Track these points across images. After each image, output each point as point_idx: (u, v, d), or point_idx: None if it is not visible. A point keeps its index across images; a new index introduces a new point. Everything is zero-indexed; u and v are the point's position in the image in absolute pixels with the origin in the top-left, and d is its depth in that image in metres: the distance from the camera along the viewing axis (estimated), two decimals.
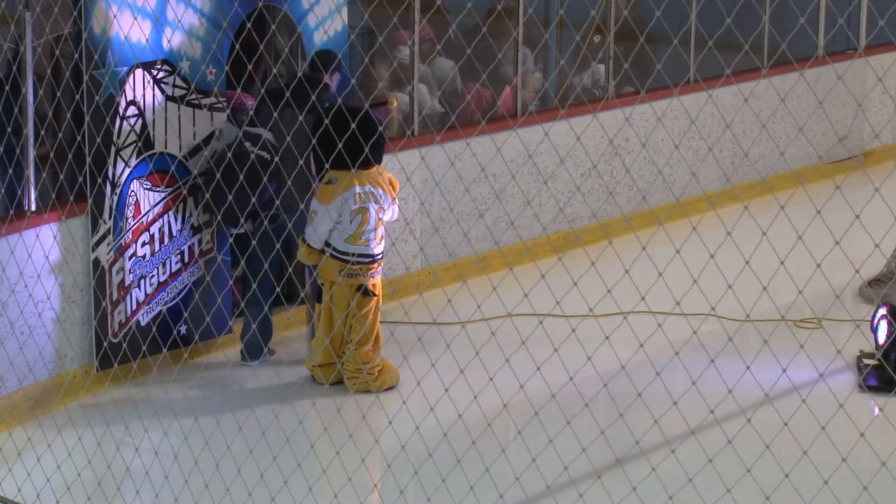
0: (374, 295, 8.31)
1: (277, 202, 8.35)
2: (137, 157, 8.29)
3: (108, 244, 8.22)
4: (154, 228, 8.43)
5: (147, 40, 8.07)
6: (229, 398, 8.03)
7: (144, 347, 8.04)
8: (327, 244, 8.22)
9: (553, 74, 11.53)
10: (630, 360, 5.75)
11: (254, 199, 8.12)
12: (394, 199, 8.35)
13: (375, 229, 8.21)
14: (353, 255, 8.20)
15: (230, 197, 7.62)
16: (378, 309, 8.41)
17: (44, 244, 7.27)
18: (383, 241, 8.32)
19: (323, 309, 8.32)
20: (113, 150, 8.17)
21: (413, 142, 9.78)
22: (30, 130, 7.72)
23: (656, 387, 5.45)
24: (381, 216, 8.24)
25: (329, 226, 8.16)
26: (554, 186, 10.83)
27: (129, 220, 8.29)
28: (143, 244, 8.38)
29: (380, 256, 8.32)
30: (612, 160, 11.27)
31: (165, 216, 8.47)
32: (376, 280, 8.34)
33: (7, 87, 7.58)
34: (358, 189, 8.16)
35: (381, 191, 8.23)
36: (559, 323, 6.12)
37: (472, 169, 9.34)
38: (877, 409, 8.02)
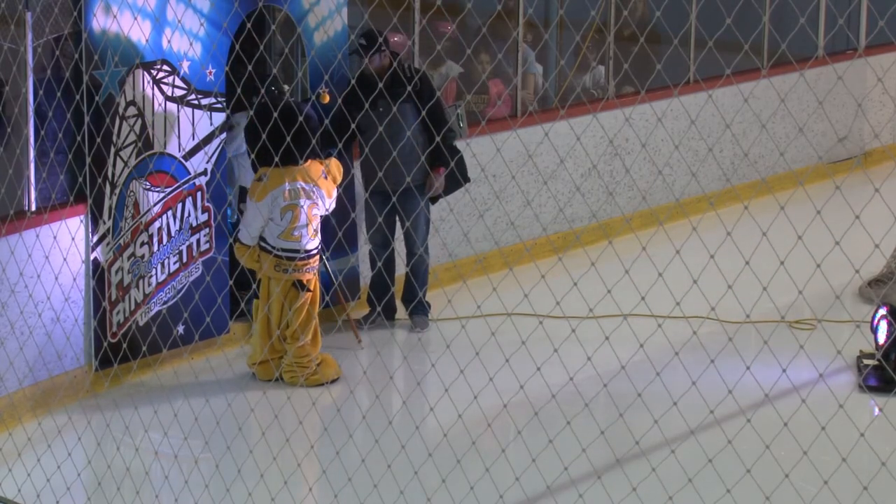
0: (308, 290, 8.36)
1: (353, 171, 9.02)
2: (137, 157, 8.29)
3: (108, 244, 8.22)
4: (153, 228, 8.43)
5: (147, 40, 8.07)
6: (229, 396, 8.02)
7: (144, 347, 8.04)
8: (263, 240, 8.29)
9: (553, 74, 11.53)
10: (630, 361, 5.74)
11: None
12: (329, 192, 8.39)
13: (308, 224, 8.27)
14: (287, 250, 8.25)
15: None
16: (314, 304, 8.45)
17: (44, 244, 7.27)
18: (317, 236, 8.37)
19: (259, 306, 8.41)
20: (112, 150, 8.16)
21: None
22: (30, 130, 7.71)
23: (656, 387, 5.45)
24: (313, 211, 8.30)
25: (260, 222, 8.28)
26: (554, 186, 10.83)
27: (128, 220, 8.29)
28: (142, 244, 8.38)
29: (314, 252, 8.36)
30: (612, 160, 11.27)
31: (164, 216, 8.47)
32: (311, 276, 8.38)
33: (7, 87, 7.58)
34: (287, 186, 8.25)
35: (312, 186, 8.29)
36: (559, 323, 6.11)
37: (472, 169, 9.34)
38: (877, 409, 8.02)
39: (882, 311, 8.53)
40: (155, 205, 8.40)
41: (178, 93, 8.40)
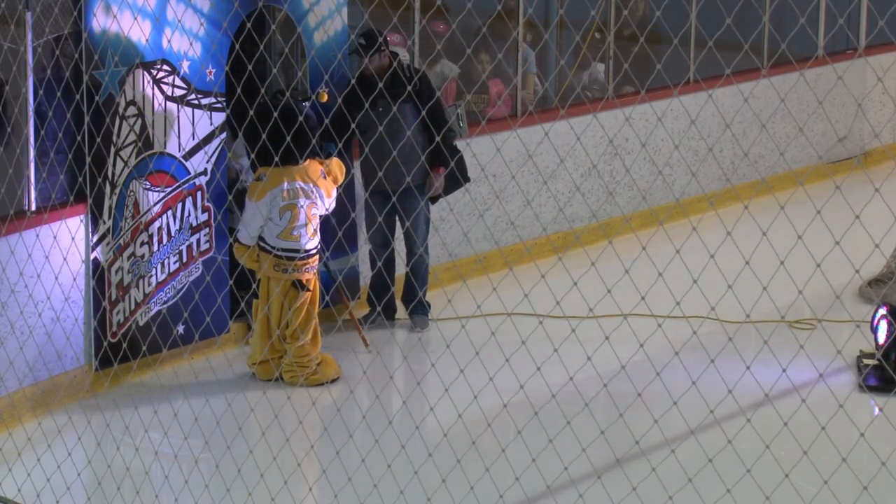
0: (308, 290, 8.36)
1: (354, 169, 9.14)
2: (137, 157, 8.29)
3: (108, 244, 8.22)
4: (153, 228, 8.43)
5: (147, 40, 8.07)
6: (229, 396, 8.02)
7: (144, 347, 8.04)
8: (262, 240, 8.30)
9: (553, 74, 11.53)
10: (630, 361, 5.74)
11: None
12: (329, 192, 8.40)
13: (307, 224, 8.28)
14: (286, 250, 8.25)
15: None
16: (313, 303, 8.45)
17: (44, 244, 7.27)
18: (317, 236, 8.37)
19: (259, 305, 8.42)
20: (112, 149, 8.16)
21: None
22: (30, 130, 7.71)
23: (656, 387, 5.45)
24: (312, 211, 8.30)
25: (259, 222, 8.30)
26: (554, 186, 10.83)
27: (128, 220, 8.29)
28: (142, 244, 8.38)
29: (314, 251, 8.36)
30: (612, 160, 11.27)
31: (164, 216, 8.47)
32: (310, 275, 8.38)
33: (7, 87, 7.57)
34: (286, 185, 8.26)
35: (311, 185, 8.30)
36: (559, 323, 6.11)
37: (472, 169, 9.34)
38: (877, 409, 8.02)
39: (882, 311, 8.53)
40: (155, 205, 8.40)
41: (178, 93, 8.40)
